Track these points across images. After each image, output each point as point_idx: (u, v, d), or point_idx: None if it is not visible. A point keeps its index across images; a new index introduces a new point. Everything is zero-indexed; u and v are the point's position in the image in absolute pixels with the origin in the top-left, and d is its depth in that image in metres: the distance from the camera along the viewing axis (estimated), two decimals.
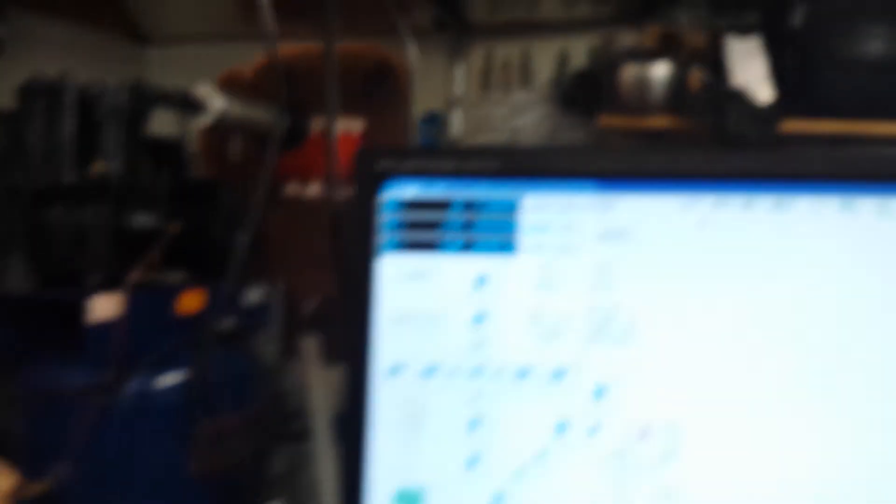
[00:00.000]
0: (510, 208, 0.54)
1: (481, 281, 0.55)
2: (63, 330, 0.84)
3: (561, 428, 0.54)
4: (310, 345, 1.21)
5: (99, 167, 0.90)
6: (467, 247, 0.54)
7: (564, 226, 0.54)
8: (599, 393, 0.54)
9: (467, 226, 0.54)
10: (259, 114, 1.13)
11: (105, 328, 0.83)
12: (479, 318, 0.55)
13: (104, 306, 0.83)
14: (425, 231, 0.55)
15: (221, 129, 1.11)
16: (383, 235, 0.55)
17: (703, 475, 0.53)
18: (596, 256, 0.54)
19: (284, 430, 1.12)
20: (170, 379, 0.88)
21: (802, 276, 0.52)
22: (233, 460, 0.94)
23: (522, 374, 0.54)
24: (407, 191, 0.55)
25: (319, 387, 1.14)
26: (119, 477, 0.86)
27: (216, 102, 1.04)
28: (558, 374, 0.54)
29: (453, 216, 0.54)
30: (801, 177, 0.52)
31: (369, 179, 0.54)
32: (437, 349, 0.55)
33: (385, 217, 0.55)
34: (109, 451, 0.85)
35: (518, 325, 0.54)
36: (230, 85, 1.16)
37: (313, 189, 1.30)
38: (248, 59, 1.28)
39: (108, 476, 0.85)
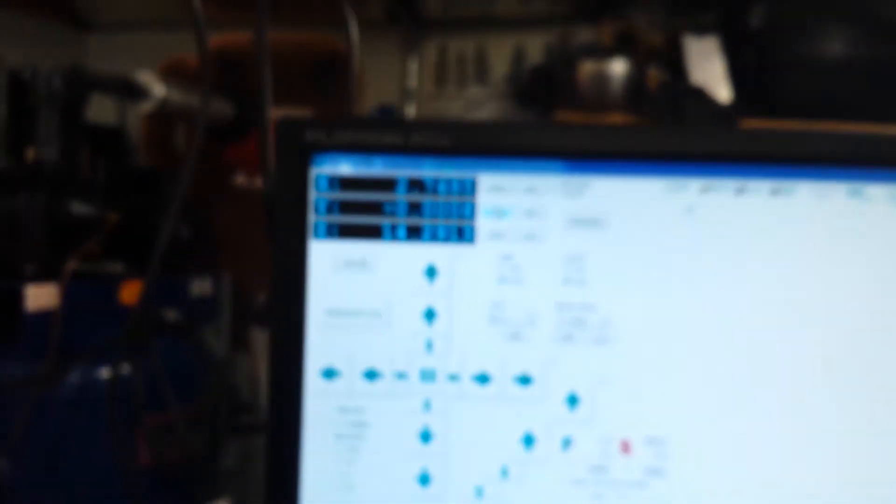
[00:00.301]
0: (465, 190, 0.46)
1: (432, 272, 0.46)
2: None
3: (528, 441, 0.46)
4: (260, 337, 1.16)
5: (33, 153, 0.87)
6: (414, 233, 0.46)
7: (528, 211, 0.46)
8: (573, 401, 0.46)
9: (414, 209, 0.46)
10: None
11: (42, 318, 0.81)
12: (429, 315, 0.46)
13: (41, 296, 0.81)
14: (364, 214, 0.46)
15: (164, 117, 1.06)
16: (314, 219, 0.46)
17: (693, 494, 0.45)
18: (565, 246, 0.46)
19: (234, 423, 1.06)
20: (114, 371, 0.85)
21: (804, 271, 0.45)
22: (181, 454, 0.91)
23: (482, 379, 0.46)
24: (340, 168, 0.46)
25: None
26: (60, 471, 0.82)
27: (157, 89, 0.99)
28: (524, 380, 0.46)
29: (397, 198, 0.46)
30: (803, 160, 0.45)
31: (295, 153, 0.45)
32: (380, 350, 0.47)
33: (315, 197, 0.46)
34: (49, 444, 0.82)
35: (476, 324, 0.46)
36: (174, 73, 1.10)
37: (262, 180, 1.22)
38: (193, 47, 1.21)
39: (48, 470, 0.82)
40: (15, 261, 0.84)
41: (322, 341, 0.46)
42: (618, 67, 1.71)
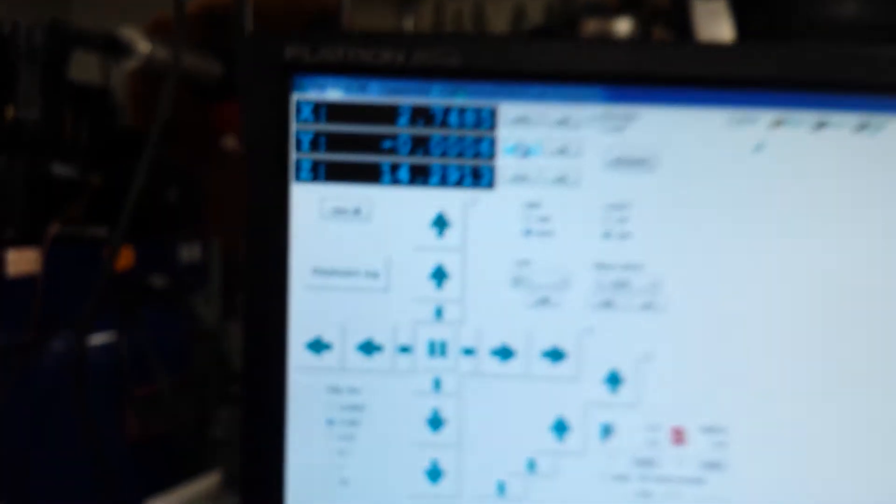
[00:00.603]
0: (482, 121, 0.37)
1: (441, 223, 0.37)
2: None
3: (560, 428, 0.38)
4: None
5: (13, 113, 0.81)
6: (420, 175, 0.37)
7: (560, 148, 0.37)
8: (614, 381, 0.38)
9: (419, 145, 0.37)
10: (190, 60, 1.03)
11: (24, 284, 0.76)
12: (439, 275, 0.38)
13: (22, 261, 0.77)
14: (358, 151, 0.37)
15: (150, 76, 1.00)
16: (296, 156, 0.37)
17: (758, 492, 0.37)
18: (606, 192, 0.37)
19: (226, 392, 1.02)
20: (99, 339, 0.80)
21: None
22: (171, 425, 0.87)
23: (503, 353, 0.38)
24: (328, 93, 0.37)
25: None
26: (44, 443, 0.78)
27: (142, 45, 0.92)
28: (555, 355, 0.38)
29: (398, 131, 0.37)
30: None
31: (272, 76, 0.36)
32: (378, 318, 0.38)
33: (297, 130, 0.37)
34: (33, 415, 0.77)
35: (496, 287, 0.38)
36: (161, 31, 1.03)
37: None
38: None
39: (32, 442, 0.78)
40: None
41: (308, 307, 0.38)
42: (622, 27, 1.62)
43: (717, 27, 1.72)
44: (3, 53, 0.80)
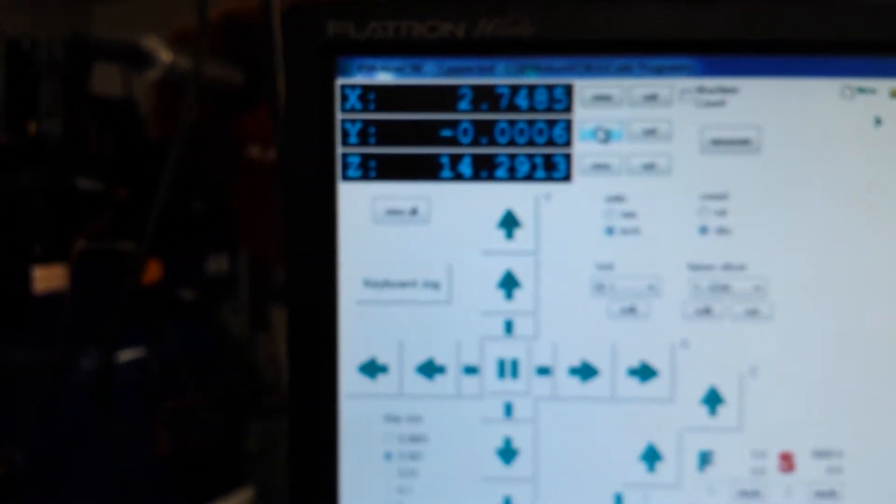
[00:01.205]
0: (555, 102, 0.32)
1: (511, 223, 0.32)
2: (5, 304, 0.75)
3: (651, 457, 0.32)
4: (281, 315, 1.05)
5: (35, 127, 0.78)
6: (485, 168, 0.32)
7: (647, 130, 0.32)
8: (713, 401, 0.32)
9: (483, 133, 0.32)
10: (213, 70, 0.99)
11: (51, 300, 0.74)
12: (508, 283, 0.32)
13: (49, 277, 0.74)
14: (413, 143, 0.32)
15: (173, 87, 0.97)
16: (342, 151, 0.32)
17: None
18: (702, 180, 0.32)
19: (256, 405, 0.99)
20: (128, 354, 0.78)
21: None
22: (203, 439, 0.84)
23: (585, 372, 0.32)
24: (378, 75, 0.32)
25: None
26: (76, 459, 0.76)
27: (164, 55, 0.88)
28: (644, 373, 0.32)
29: (459, 117, 0.32)
30: None
31: (312, 56, 0.31)
32: (440, 335, 0.32)
33: (343, 120, 0.32)
34: (65, 431, 0.75)
35: (575, 295, 0.32)
36: (183, 41, 1.00)
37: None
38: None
39: (64, 459, 0.76)
40: (20, 241, 0.76)
41: (360, 325, 0.32)
42: None
43: None
44: (23, 68, 0.78)
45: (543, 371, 0.32)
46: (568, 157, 0.32)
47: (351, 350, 0.32)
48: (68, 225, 0.78)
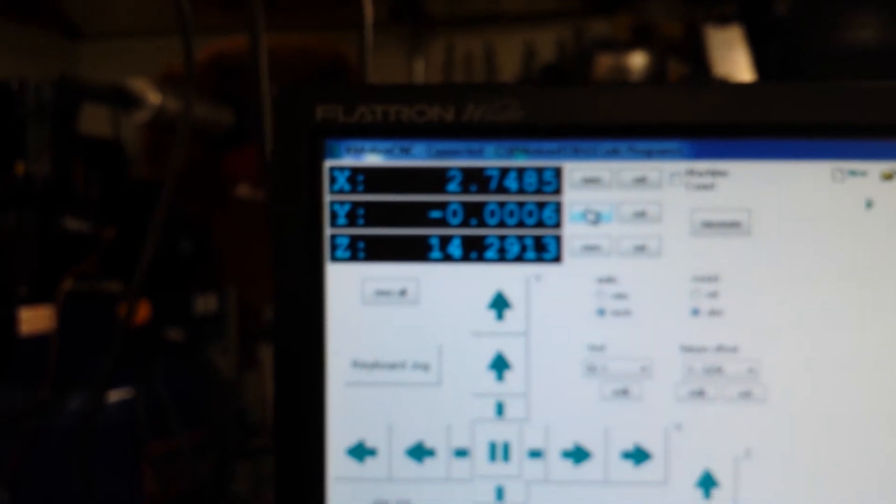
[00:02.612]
0: (545, 184, 0.31)
1: (501, 304, 0.31)
2: None
3: None
4: (269, 354, 1.06)
5: (23, 168, 0.78)
6: (474, 249, 0.31)
7: (637, 212, 0.31)
8: (708, 484, 0.31)
9: (473, 214, 0.31)
10: (202, 110, 1.01)
11: (37, 342, 0.74)
12: (499, 365, 0.31)
13: (35, 319, 0.74)
14: (402, 224, 0.31)
15: (162, 127, 0.97)
16: (330, 232, 0.31)
17: None
18: (692, 261, 0.31)
19: (244, 447, 0.98)
20: (115, 395, 0.78)
21: None
22: (190, 481, 0.84)
23: (577, 455, 0.31)
24: (366, 157, 0.31)
25: None
26: (61, 501, 0.74)
27: (152, 97, 0.90)
28: (638, 456, 0.31)
29: (448, 199, 0.31)
30: None
31: (301, 139, 0.31)
32: (430, 417, 0.32)
33: (332, 202, 0.31)
34: (51, 475, 0.74)
35: (566, 377, 0.31)
36: (171, 82, 1.00)
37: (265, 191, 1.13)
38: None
39: (49, 500, 0.75)
40: (7, 282, 0.76)
41: (348, 407, 0.32)
42: (637, 61, 1.58)
43: (732, 56, 1.66)
44: (11, 109, 0.78)
45: (535, 454, 0.32)
46: (558, 239, 0.31)
47: (339, 432, 0.32)
48: (55, 265, 0.77)
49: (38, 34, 2.04)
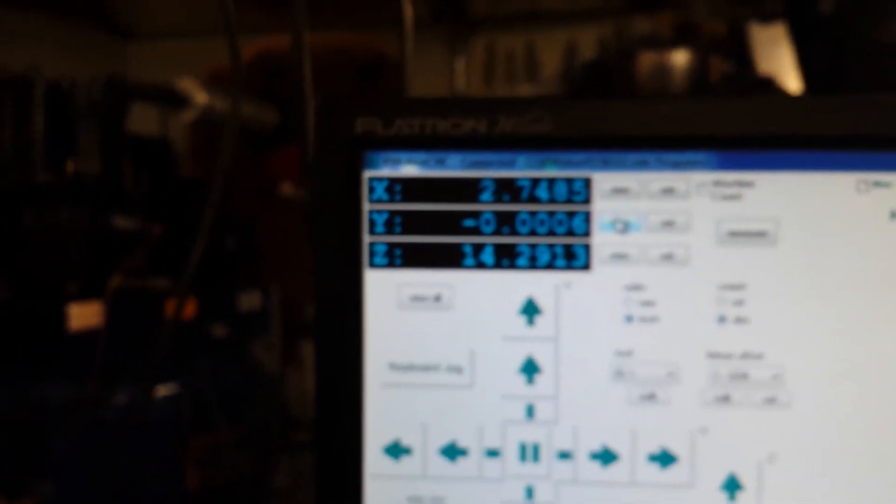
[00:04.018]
0: (575, 194, 0.32)
1: (532, 310, 0.33)
2: (41, 341, 0.76)
3: None
4: (311, 351, 1.04)
5: (74, 167, 0.81)
6: (506, 257, 0.33)
7: (665, 221, 0.32)
8: (732, 487, 0.32)
9: (505, 223, 0.32)
10: (247, 110, 1.02)
11: (86, 338, 0.75)
12: (529, 369, 0.33)
13: (84, 315, 0.76)
14: (437, 232, 0.33)
15: (209, 126, 0.99)
16: (369, 240, 0.33)
17: None
18: (719, 270, 0.32)
19: (286, 441, 1.00)
20: (161, 391, 0.79)
21: None
22: (232, 475, 0.84)
23: (605, 457, 0.32)
24: (403, 168, 0.33)
25: None
26: (108, 496, 0.76)
27: (199, 97, 0.92)
28: (664, 459, 0.32)
29: (482, 208, 0.33)
30: None
31: (341, 151, 0.32)
32: (463, 418, 0.33)
33: (370, 211, 0.33)
34: (97, 468, 0.75)
35: (595, 381, 0.32)
36: (218, 80, 1.02)
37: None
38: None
39: (95, 495, 0.76)
40: (57, 279, 0.78)
41: (385, 407, 0.33)
42: (679, 58, 1.57)
43: (776, 53, 1.65)
44: (63, 109, 0.81)
45: (564, 455, 0.33)
46: (587, 247, 0.32)
47: (376, 432, 0.33)
48: (104, 262, 0.79)
49: (87, 34, 2.09)
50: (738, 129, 0.31)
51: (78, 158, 0.80)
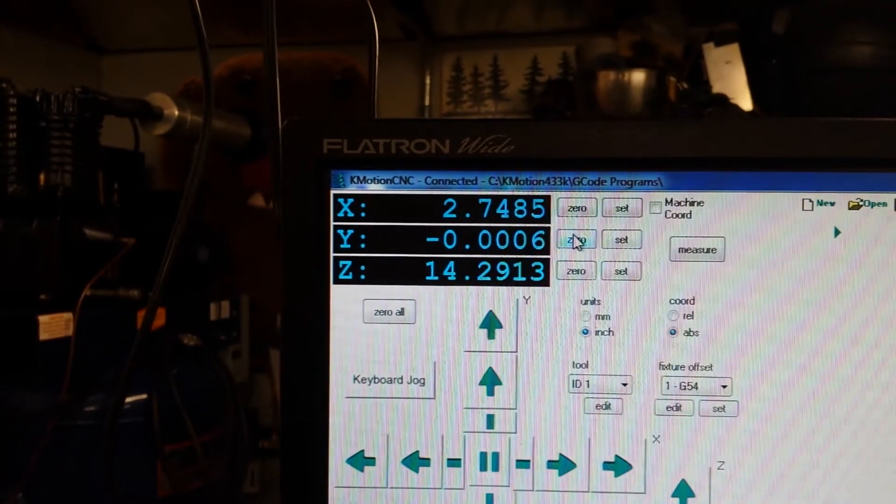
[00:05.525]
0: (534, 212, 0.33)
1: (492, 324, 0.33)
2: (12, 350, 0.76)
3: None
4: (280, 359, 1.05)
5: (46, 178, 0.81)
6: (468, 272, 0.33)
7: (619, 238, 0.33)
8: (684, 493, 0.33)
9: (467, 240, 0.33)
10: (219, 123, 1.05)
11: (57, 347, 0.76)
12: (490, 381, 0.33)
13: (55, 325, 0.76)
14: (401, 249, 0.33)
15: (181, 140, 0.99)
16: (335, 255, 0.33)
17: None
18: (670, 285, 0.33)
19: (256, 448, 1.02)
20: (131, 398, 0.80)
21: None
22: (203, 482, 0.85)
23: (562, 465, 0.33)
24: (368, 186, 0.33)
25: None
26: (78, 502, 0.77)
27: (171, 110, 0.93)
28: (618, 467, 0.33)
29: (444, 225, 0.33)
30: None
31: (308, 169, 0.32)
32: (425, 429, 0.33)
33: (336, 227, 0.33)
34: (68, 476, 0.76)
35: (552, 392, 0.33)
36: (189, 96, 1.02)
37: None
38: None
39: (66, 501, 0.77)
40: (28, 289, 0.79)
41: (349, 418, 0.33)
42: (637, 77, 1.59)
43: (730, 73, 1.67)
44: (35, 121, 0.80)
45: (523, 464, 0.33)
46: (546, 263, 0.33)
47: (340, 443, 0.33)
48: (76, 273, 0.79)
49: (61, 48, 2.06)
50: (688, 150, 0.32)
51: (50, 170, 0.80)
